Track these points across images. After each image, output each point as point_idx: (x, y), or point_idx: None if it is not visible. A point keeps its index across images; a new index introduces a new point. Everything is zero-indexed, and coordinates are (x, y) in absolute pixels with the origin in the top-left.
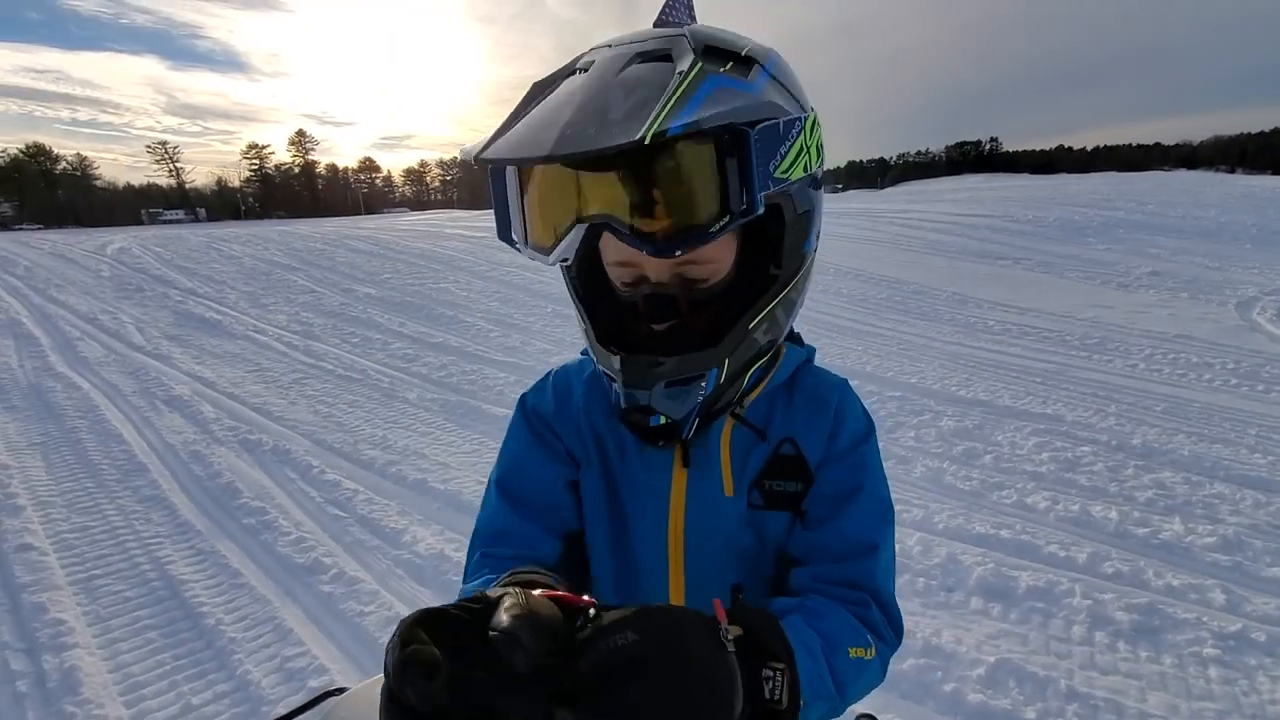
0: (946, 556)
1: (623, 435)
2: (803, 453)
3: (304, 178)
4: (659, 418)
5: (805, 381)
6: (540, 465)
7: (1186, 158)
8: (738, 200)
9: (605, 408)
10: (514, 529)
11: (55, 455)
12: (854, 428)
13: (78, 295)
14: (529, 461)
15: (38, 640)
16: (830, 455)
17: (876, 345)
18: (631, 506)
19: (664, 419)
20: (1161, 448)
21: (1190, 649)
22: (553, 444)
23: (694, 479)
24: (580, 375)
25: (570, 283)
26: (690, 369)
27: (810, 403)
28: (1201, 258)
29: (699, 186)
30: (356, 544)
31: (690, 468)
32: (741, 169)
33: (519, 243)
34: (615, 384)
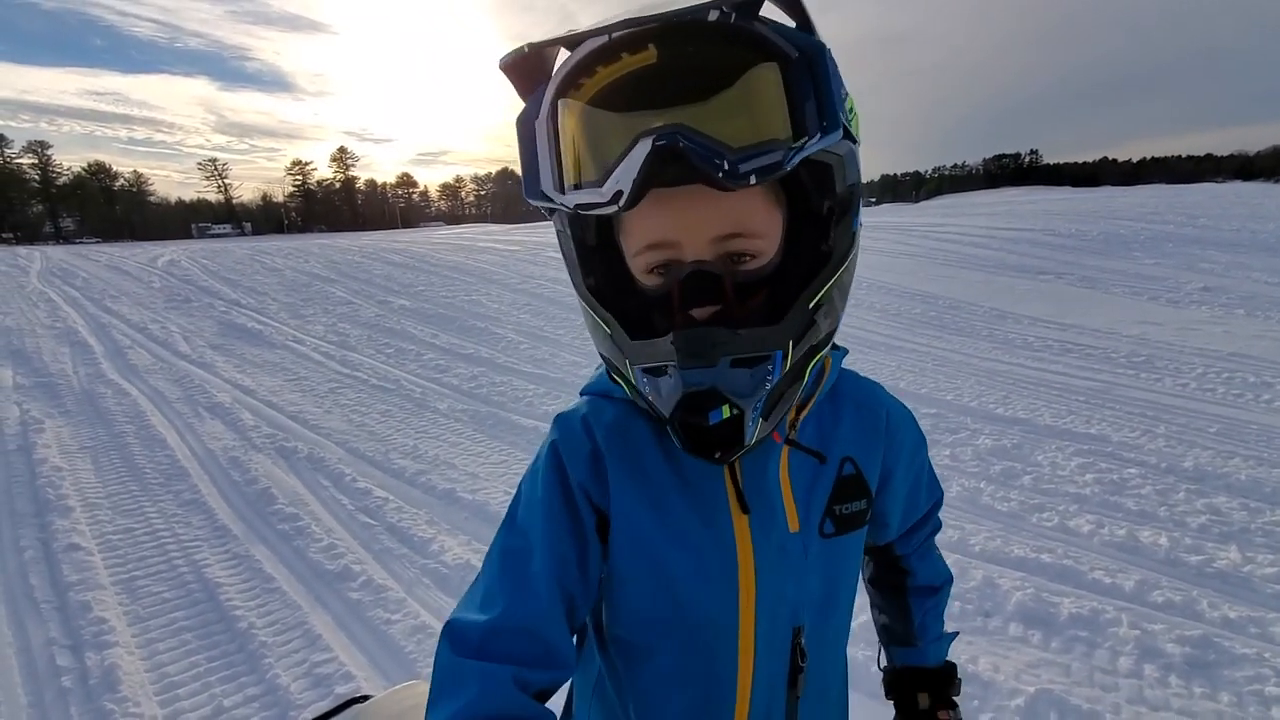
0: (983, 580)
1: (659, 481)
2: (861, 470)
3: (344, 193)
4: (721, 411)
5: (847, 389)
6: (569, 537)
7: (1242, 168)
8: (821, 119)
9: (631, 453)
10: (534, 625)
11: (104, 459)
12: (913, 436)
13: (130, 305)
14: (557, 531)
15: (82, 638)
16: (890, 465)
17: (911, 361)
18: (682, 567)
19: (728, 412)
20: (1216, 471)
21: (1250, 687)
22: (584, 508)
23: (757, 523)
24: (599, 418)
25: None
26: (756, 346)
27: (861, 414)
28: (1260, 272)
29: (778, 100)
30: (385, 552)
31: (751, 513)
32: (822, 87)
33: (555, 192)
34: (661, 378)
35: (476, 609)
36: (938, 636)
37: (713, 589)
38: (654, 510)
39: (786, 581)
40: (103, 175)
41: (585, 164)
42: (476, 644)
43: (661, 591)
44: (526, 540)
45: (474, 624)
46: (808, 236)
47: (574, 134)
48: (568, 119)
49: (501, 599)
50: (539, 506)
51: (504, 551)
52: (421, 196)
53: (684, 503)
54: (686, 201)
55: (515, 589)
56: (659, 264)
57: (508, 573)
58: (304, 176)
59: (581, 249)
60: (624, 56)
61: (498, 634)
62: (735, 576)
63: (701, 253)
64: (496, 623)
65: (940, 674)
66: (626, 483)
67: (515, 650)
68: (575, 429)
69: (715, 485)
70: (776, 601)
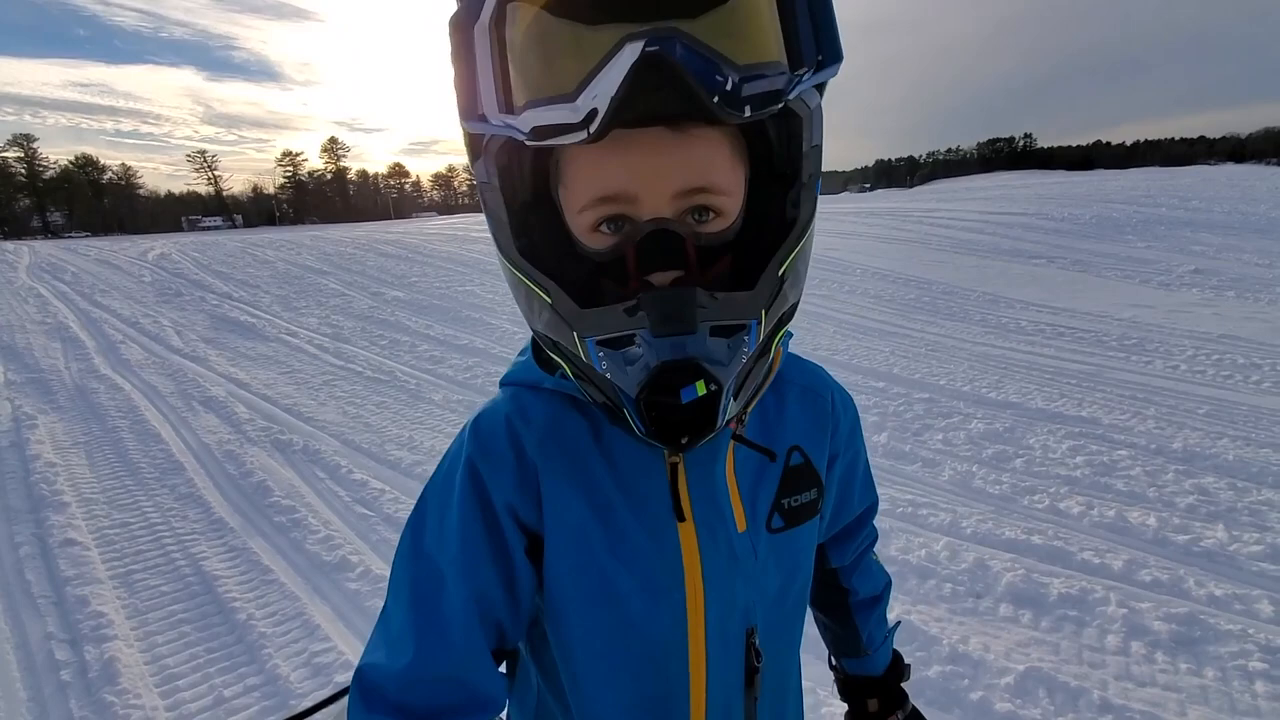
0: (974, 562)
1: (602, 487)
2: (810, 459)
3: (336, 184)
4: (695, 388)
5: (792, 374)
6: (491, 566)
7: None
8: (818, 50)
9: (569, 457)
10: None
11: (98, 454)
12: (851, 417)
13: (120, 300)
14: (475, 560)
15: (80, 632)
16: (835, 449)
17: (904, 346)
18: (629, 584)
19: (702, 388)
20: (1204, 452)
21: (1234, 662)
22: (511, 532)
23: (704, 529)
24: (526, 417)
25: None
26: (735, 312)
27: (807, 399)
28: (1250, 254)
29: (772, 22)
30: (382, 542)
31: (695, 518)
32: (820, 14)
33: (503, 114)
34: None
35: (387, 654)
36: (884, 638)
37: (661, 605)
38: (599, 523)
39: (736, 586)
40: (90, 168)
41: (544, 78)
42: (394, 699)
43: (608, 611)
44: (438, 570)
45: (388, 673)
46: (771, 198)
47: (528, 43)
48: (521, 25)
49: (413, 642)
50: (453, 533)
51: (413, 585)
52: (414, 187)
53: (628, 511)
54: (650, 147)
55: (429, 630)
56: (609, 219)
57: (420, 611)
58: (295, 168)
59: (510, 206)
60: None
61: (414, 685)
62: (683, 588)
63: (661, 209)
64: (412, 672)
65: (888, 677)
66: (567, 494)
67: (436, 701)
68: (498, 437)
69: (658, 489)
70: (727, 608)
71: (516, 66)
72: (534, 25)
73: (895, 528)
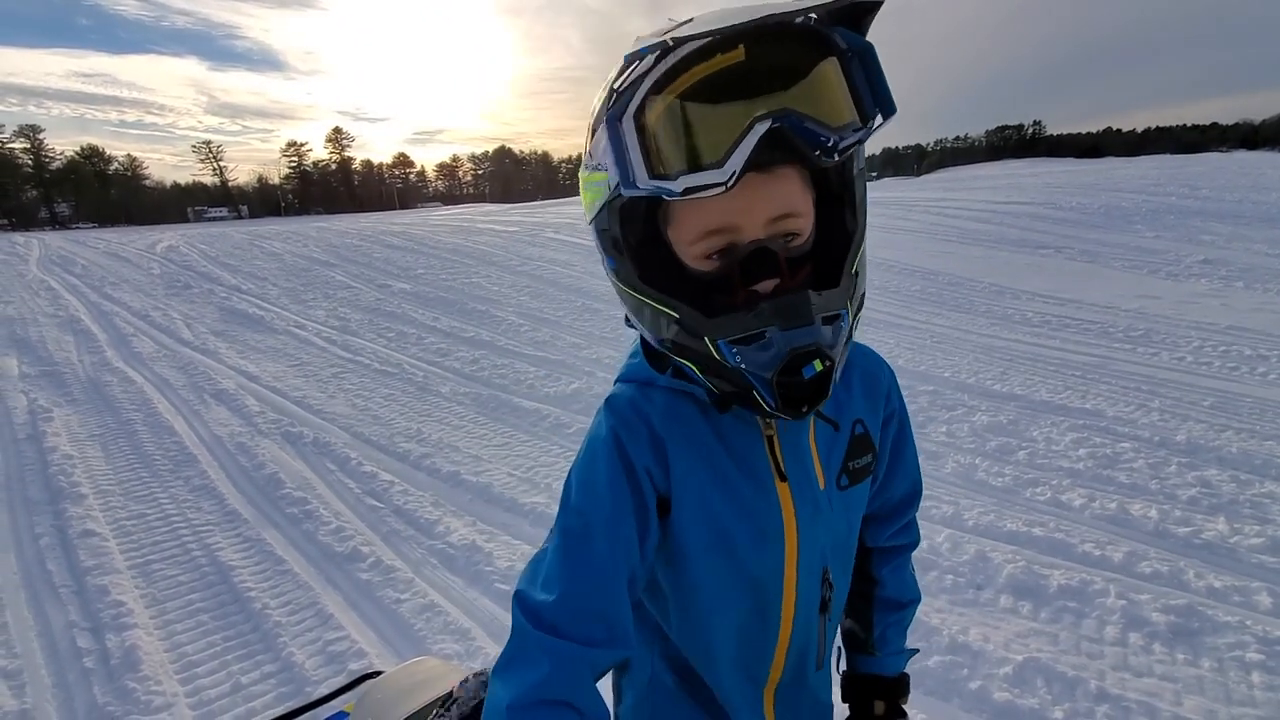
0: (976, 554)
1: (717, 458)
2: (869, 429)
3: (340, 174)
4: (813, 366)
5: (854, 358)
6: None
7: (1247, 138)
8: (880, 102)
9: (689, 434)
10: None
11: (114, 446)
12: (898, 392)
13: (131, 292)
14: (620, 512)
15: (101, 620)
16: (888, 413)
17: (909, 338)
18: (743, 534)
19: (819, 365)
20: (1208, 444)
21: (1232, 653)
22: (648, 489)
23: (796, 487)
24: (650, 404)
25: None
26: (834, 304)
27: (866, 381)
28: (1260, 244)
29: (842, 87)
30: (393, 534)
31: (790, 478)
32: (875, 76)
33: (657, 182)
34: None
35: (543, 588)
36: (898, 650)
37: (766, 548)
38: (716, 485)
39: (819, 532)
40: (96, 159)
41: (693, 152)
42: (550, 621)
43: (725, 557)
44: (588, 522)
45: (544, 603)
46: (832, 214)
47: (668, 126)
48: (662, 113)
49: (561, 581)
50: (603, 489)
51: (565, 533)
52: (418, 177)
53: (738, 474)
54: (748, 187)
55: (578, 570)
56: (718, 249)
57: (570, 555)
58: (299, 158)
59: (630, 245)
60: (717, 55)
61: (567, 614)
62: (783, 535)
63: (757, 233)
64: (565, 603)
65: (895, 683)
66: (690, 461)
67: (585, 631)
68: (631, 415)
69: (759, 456)
70: (812, 549)
71: (663, 142)
72: (676, 109)
73: None
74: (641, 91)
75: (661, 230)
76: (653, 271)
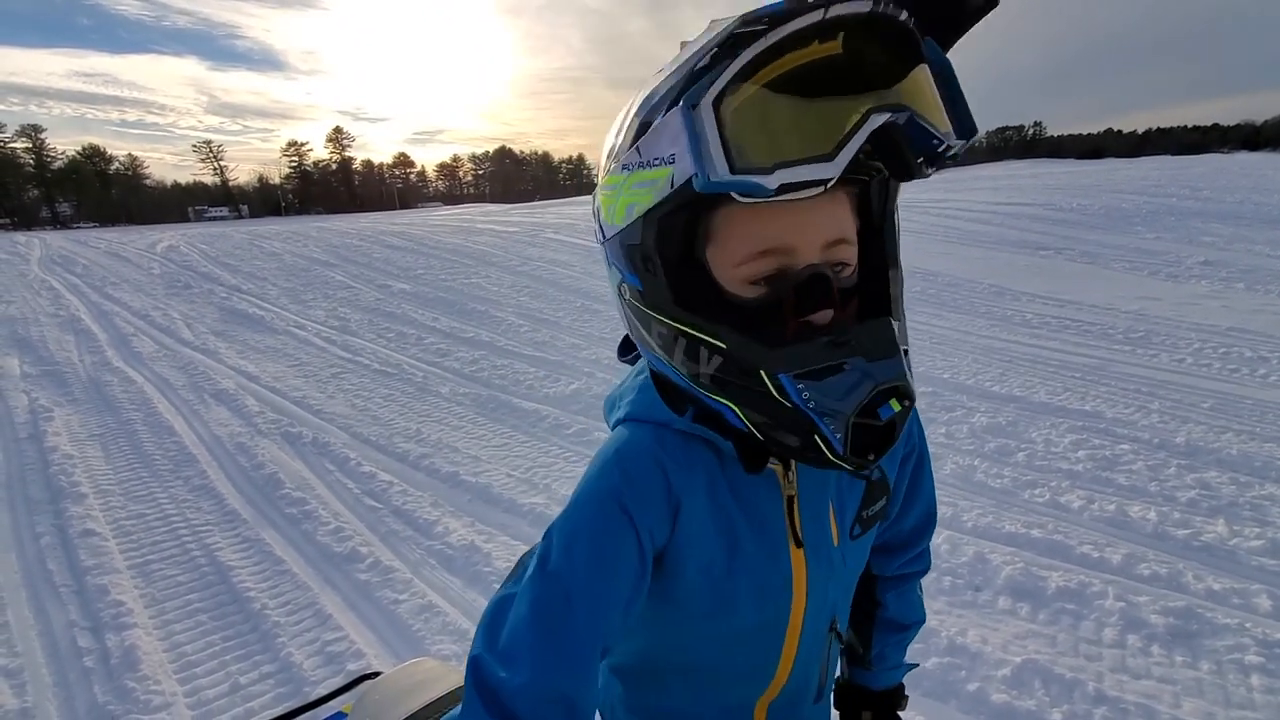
0: (974, 555)
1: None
2: (885, 472)
3: (341, 174)
4: (890, 406)
5: None
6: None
7: (1249, 138)
8: (965, 119)
9: (706, 488)
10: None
11: (113, 446)
12: (919, 425)
13: (131, 292)
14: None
15: (101, 620)
16: (908, 451)
17: (909, 339)
18: (746, 595)
19: (897, 405)
20: (1208, 446)
21: (1231, 656)
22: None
23: (811, 549)
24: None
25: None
26: (905, 339)
27: None
28: (1262, 245)
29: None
30: (391, 534)
31: (806, 542)
32: (959, 92)
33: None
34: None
35: (505, 662)
36: (895, 665)
37: (769, 610)
38: (726, 547)
39: (830, 590)
40: (97, 159)
41: (783, 143)
42: (509, 708)
43: (720, 614)
44: (569, 591)
45: (505, 683)
46: (873, 244)
47: (760, 115)
48: (752, 99)
49: (531, 661)
50: (595, 552)
51: (538, 603)
52: (419, 177)
53: (751, 535)
54: (806, 204)
55: (550, 651)
56: (768, 273)
57: (544, 631)
58: (300, 158)
59: (666, 265)
60: (815, 44)
61: (529, 700)
62: (790, 598)
63: (813, 258)
64: (529, 688)
65: (888, 695)
66: (703, 521)
67: (544, 717)
68: (646, 467)
69: (776, 519)
70: (820, 608)
71: (752, 133)
72: (761, 99)
73: None
74: (726, 77)
75: (698, 249)
76: (690, 297)
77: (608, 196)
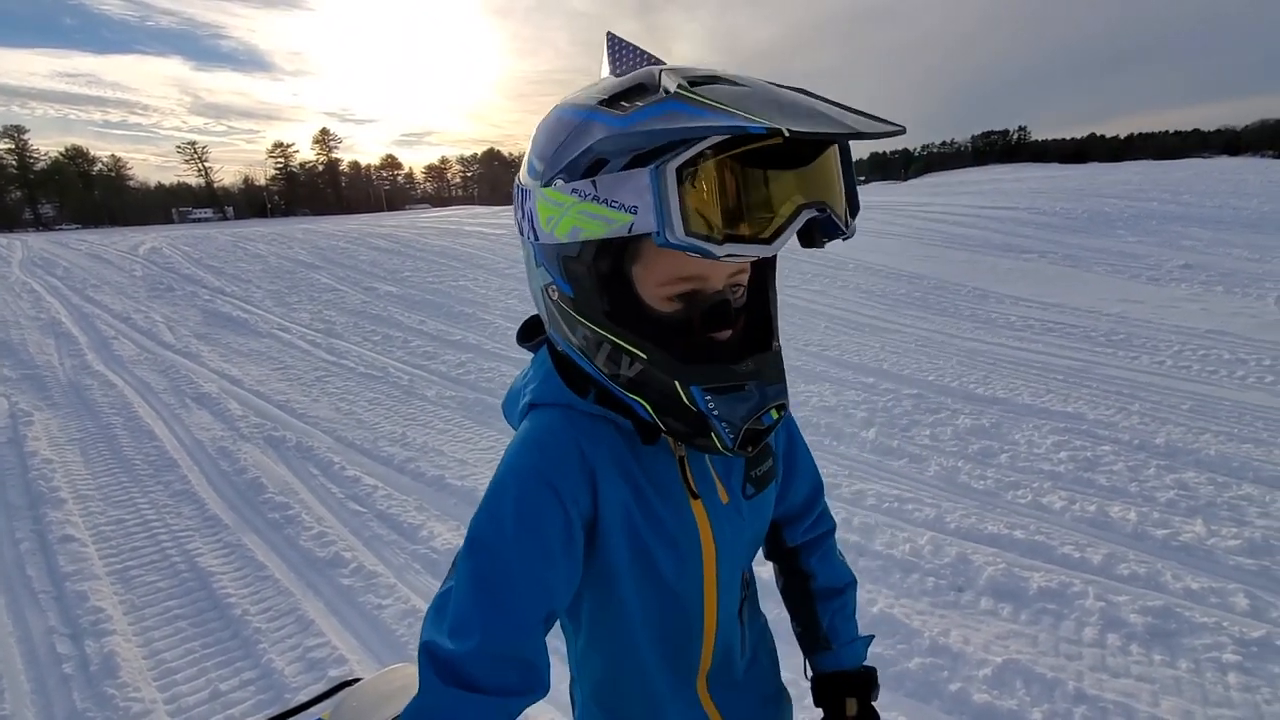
0: (957, 556)
1: (639, 483)
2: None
3: (327, 176)
4: (771, 414)
5: None
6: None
7: (1229, 144)
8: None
9: (615, 460)
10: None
11: (93, 450)
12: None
13: (112, 295)
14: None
15: (80, 626)
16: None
17: (895, 342)
18: (665, 554)
19: (776, 414)
20: (1186, 447)
21: (1208, 654)
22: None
23: (709, 504)
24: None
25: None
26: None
27: None
28: (1241, 249)
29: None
30: (375, 539)
31: (703, 498)
32: (851, 170)
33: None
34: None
35: (455, 635)
36: (851, 639)
37: (685, 563)
38: (641, 509)
39: (735, 542)
40: (80, 160)
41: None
42: (464, 675)
43: (649, 574)
44: (507, 560)
45: (456, 653)
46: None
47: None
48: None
49: (482, 626)
50: (527, 523)
51: (478, 575)
52: (406, 178)
53: (658, 498)
54: None
55: (498, 614)
56: (683, 293)
57: (487, 597)
58: (286, 159)
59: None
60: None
61: (484, 663)
62: (701, 551)
63: (719, 283)
64: (482, 651)
65: (862, 678)
66: (617, 486)
67: (501, 681)
68: (560, 443)
69: (673, 478)
70: (731, 560)
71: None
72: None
73: (881, 523)
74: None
75: (625, 265)
76: (616, 308)
77: (548, 208)
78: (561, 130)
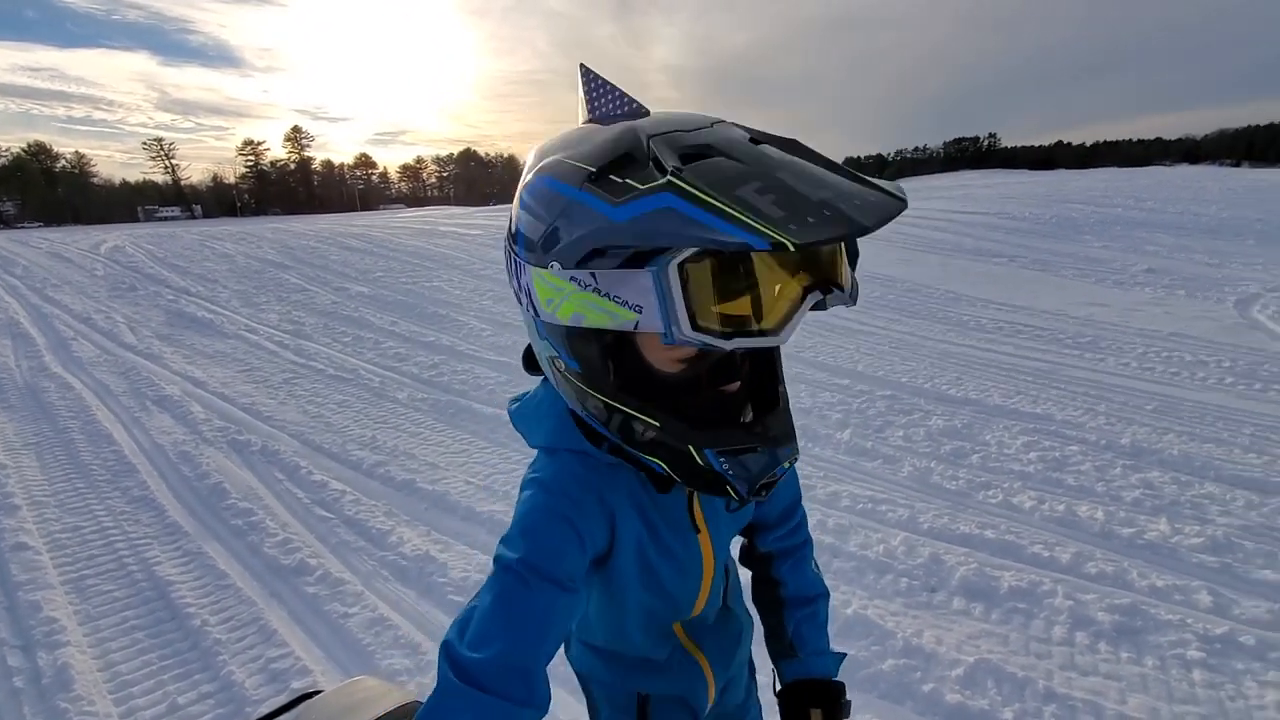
0: (930, 557)
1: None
2: None
3: (300, 174)
4: (783, 466)
5: None
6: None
7: (1190, 152)
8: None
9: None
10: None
11: (49, 455)
12: None
13: (72, 295)
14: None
15: (33, 638)
16: None
17: (869, 344)
18: (671, 574)
19: (788, 464)
20: (1150, 447)
21: (1173, 651)
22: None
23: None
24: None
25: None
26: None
27: None
28: (1201, 254)
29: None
30: (342, 545)
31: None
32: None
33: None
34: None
35: (474, 644)
36: (820, 650)
37: (689, 581)
38: (654, 542)
39: (724, 551)
40: (43, 156)
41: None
42: (475, 676)
43: (651, 587)
44: (523, 579)
45: (472, 659)
46: None
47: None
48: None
49: (499, 637)
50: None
51: (503, 592)
52: (381, 178)
53: (670, 533)
54: None
55: (515, 628)
56: (691, 355)
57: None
58: (256, 157)
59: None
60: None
61: (493, 669)
62: (702, 571)
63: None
64: (495, 661)
65: (831, 689)
66: (636, 524)
67: (506, 688)
68: (582, 490)
69: (683, 513)
70: (720, 563)
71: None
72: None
73: (855, 524)
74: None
75: (631, 338)
76: (626, 378)
77: (546, 290)
78: (552, 208)
